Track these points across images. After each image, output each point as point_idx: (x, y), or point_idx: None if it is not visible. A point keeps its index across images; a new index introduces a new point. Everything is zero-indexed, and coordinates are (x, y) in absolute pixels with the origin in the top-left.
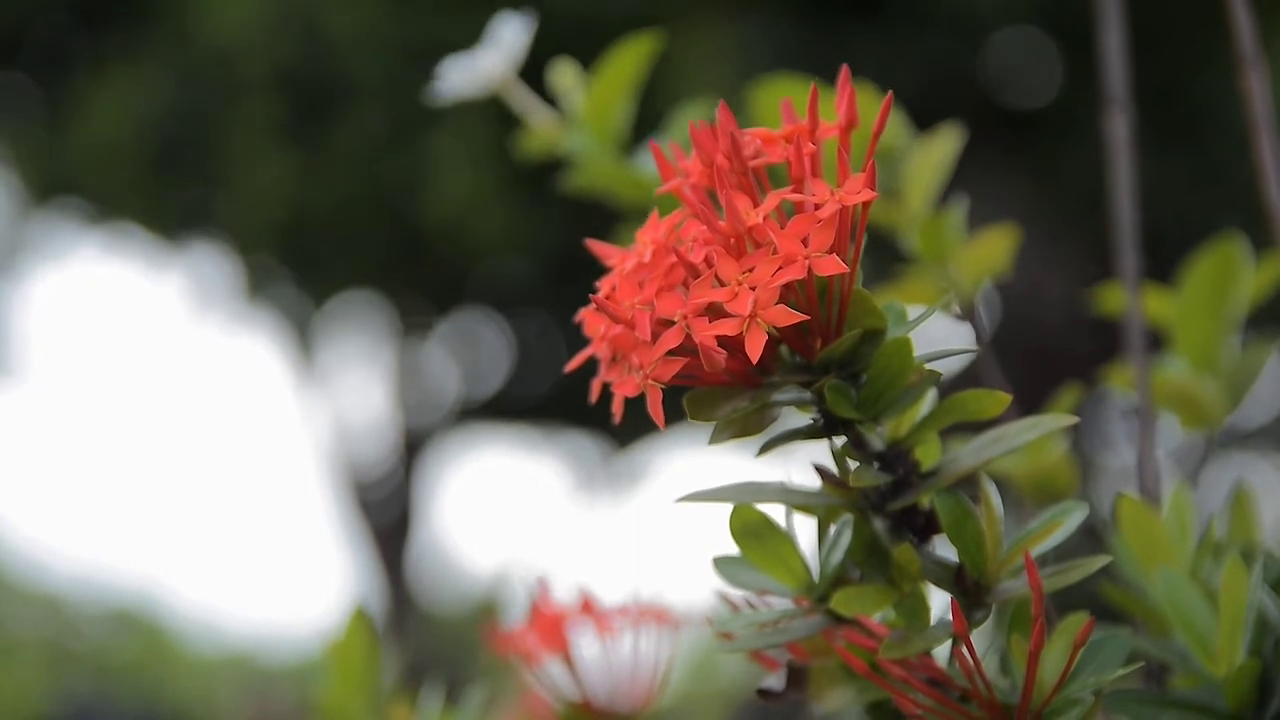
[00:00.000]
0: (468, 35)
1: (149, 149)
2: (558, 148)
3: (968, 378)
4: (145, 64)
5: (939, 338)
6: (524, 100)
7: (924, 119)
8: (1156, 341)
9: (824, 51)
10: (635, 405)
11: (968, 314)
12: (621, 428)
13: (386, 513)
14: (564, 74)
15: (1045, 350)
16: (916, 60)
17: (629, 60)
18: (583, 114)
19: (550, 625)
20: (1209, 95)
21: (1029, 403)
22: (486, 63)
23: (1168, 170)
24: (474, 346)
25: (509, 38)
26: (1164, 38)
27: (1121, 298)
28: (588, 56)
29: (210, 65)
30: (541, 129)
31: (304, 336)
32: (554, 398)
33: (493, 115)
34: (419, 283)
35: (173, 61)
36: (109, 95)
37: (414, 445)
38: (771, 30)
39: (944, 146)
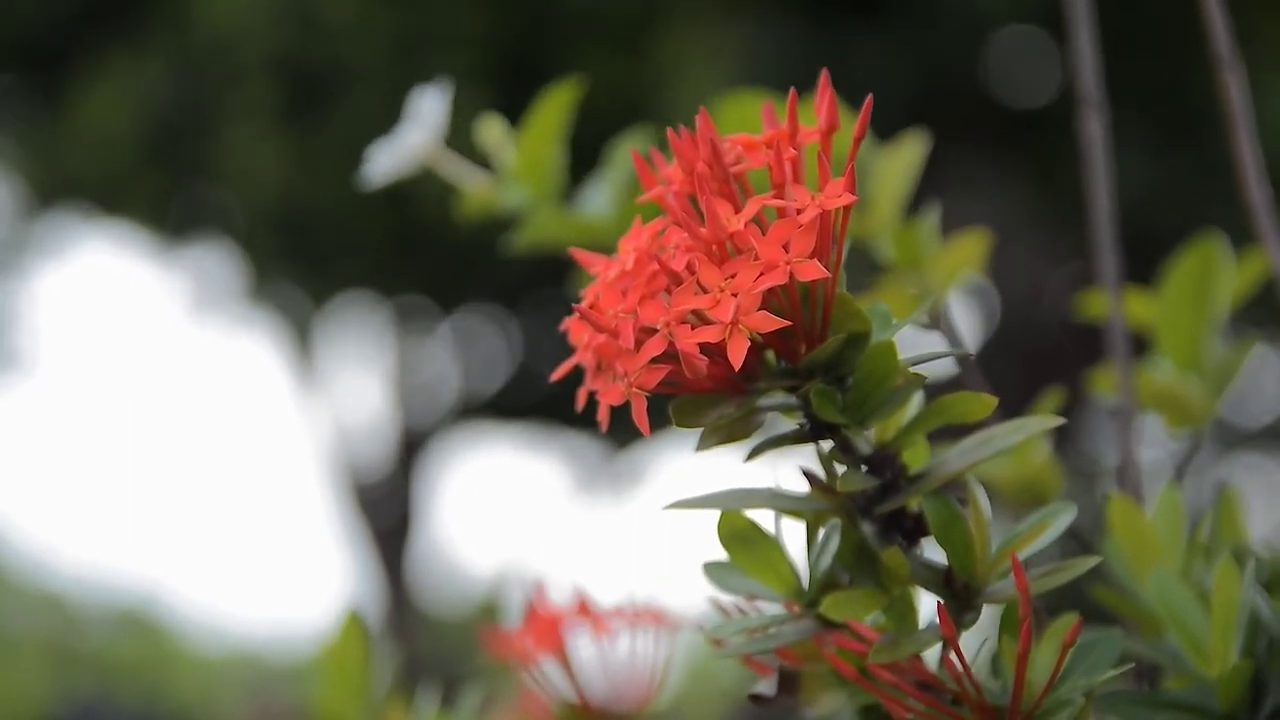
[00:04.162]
0: (458, 24)
1: (149, 138)
2: (495, 206)
3: (956, 381)
4: (145, 54)
5: (926, 341)
6: (454, 167)
7: (924, 119)
8: (1143, 345)
9: (824, 51)
10: (628, 410)
11: (941, 320)
12: (621, 429)
13: (386, 513)
14: (491, 130)
15: (1046, 350)
16: (917, 60)
17: (555, 109)
18: (515, 169)
19: (547, 626)
20: (1209, 95)
21: (1029, 403)
22: (412, 140)
23: (1168, 171)
24: (474, 346)
25: (429, 111)
26: (1165, 38)
27: (1103, 300)
28: (589, 53)
29: (209, 52)
30: (475, 191)
31: (304, 337)
32: (554, 398)
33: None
34: (419, 280)
35: (172, 50)
36: (109, 86)
37: (414, 445)
38: (772, 30)
39: (910, 153)
